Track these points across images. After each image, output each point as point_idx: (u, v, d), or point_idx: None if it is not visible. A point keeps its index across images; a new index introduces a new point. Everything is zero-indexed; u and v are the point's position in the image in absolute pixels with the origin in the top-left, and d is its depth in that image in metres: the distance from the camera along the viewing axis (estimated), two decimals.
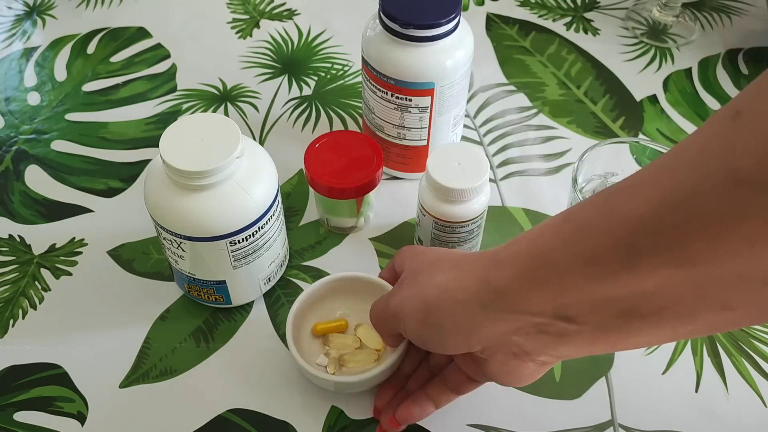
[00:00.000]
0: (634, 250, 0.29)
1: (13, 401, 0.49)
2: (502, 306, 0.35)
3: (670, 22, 0.78)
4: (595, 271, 0.31)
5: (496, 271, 0.35)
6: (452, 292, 0.37)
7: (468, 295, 0.36)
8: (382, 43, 0.54)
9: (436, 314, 0.38)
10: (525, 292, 0.34)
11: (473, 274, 0.37)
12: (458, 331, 0.37)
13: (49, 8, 0.80)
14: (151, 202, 0.46)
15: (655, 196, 0.28)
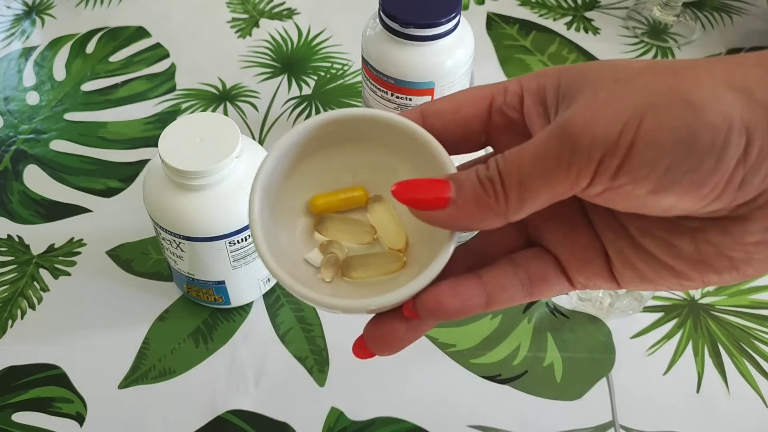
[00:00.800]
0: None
1: (11, 402, 0.49)
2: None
3: (671, 22, 0.78)
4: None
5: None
6: (747, 90, 0.20)
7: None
8: (382, 43, 0.53)
9: (716, 128, 0.20)
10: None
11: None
12: (750, 149, 0.20)
13: (48, 8, 0.80)
14: (150, 202, 0.46)
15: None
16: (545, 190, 0.22)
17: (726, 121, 0.20)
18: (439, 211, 0.23)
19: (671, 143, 0.20)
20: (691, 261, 0.23)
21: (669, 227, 0.23)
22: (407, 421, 0.48)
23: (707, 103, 0.20)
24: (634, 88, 0.21)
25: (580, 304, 0.54)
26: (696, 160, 0.20)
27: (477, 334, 0.53)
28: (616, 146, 0.21)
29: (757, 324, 0.53)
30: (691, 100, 0.20)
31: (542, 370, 0.51)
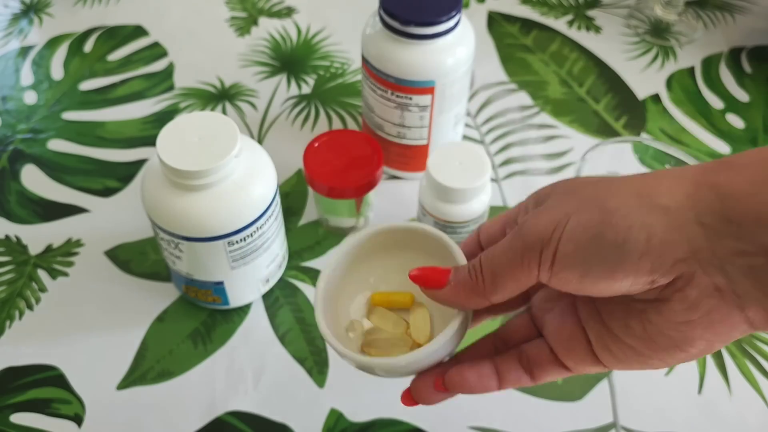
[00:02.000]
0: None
1: (9, 403, 0.49)
2: (731, 217, 0.24)
3: (673, 21, 0.77)
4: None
5: (727, 173, 0.25)
6: (649, 196, 0.26)
7: (674, 200, 0.25)
8: (382, 41, 0.53)
9: (620, 225, 0.26)
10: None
11: (684, 179, 0.26)
12: (649, 250, 0.25)
13: (45, 6, 0.79)
14: (149, 202, 0.46)
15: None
16: (510, 277, 0.29)
17: (627, 221, 0.26)
18: (439, 290, 0.31)
19: (586, 239, 0.26)
20: (642, 339, 0.27)
21: (624, 309, 0.28)
22: (407, 423, 0.48)
23: (616, 208, 0.26)
24: (572, 197, 0.28)
25: None
26: (604, 252, 0.26)
27: (477, 334, 0.52)
28: (549, 241, 0.27)
29: None
30: (605, 206, 0.26)
31: None
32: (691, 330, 0.26)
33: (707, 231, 0.25)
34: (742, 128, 0.67)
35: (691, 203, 0.25)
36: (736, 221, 0.24)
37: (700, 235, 0.25)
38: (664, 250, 0.25)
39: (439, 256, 0.35)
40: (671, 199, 0.25)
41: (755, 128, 0.67)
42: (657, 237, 0.25)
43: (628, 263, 0.26)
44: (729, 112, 0.68)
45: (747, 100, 0.70)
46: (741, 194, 0.24)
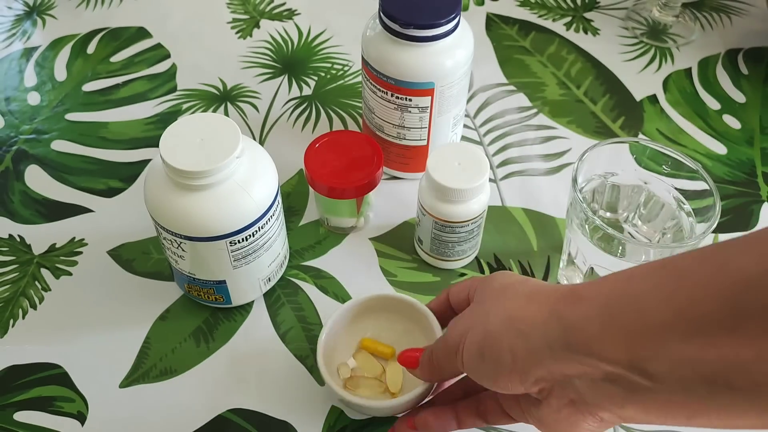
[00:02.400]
0: (738, 309, 0.26)
1: (13, 401, 0.49)
2: (571, 345, 0.31)
3: (670, 22, 0.78)
4: (689, 326, 0.27)
5: (571, 307, 0.32)
6: (516, 321, 0.34)
7: (533, 328, 0.33)
8: (382, 43, 0.54)
9: (494, 346, 0.34)
10: (601, 334, 0.30)
11: (544, 305, 0.33)
12: (515, 368, 0.34)
13: (49, 8, 0.80)
14: (151, 202, 0.46)
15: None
16: (447, 368, 0.39)
17: (499, 343, 0.34)
18: (414, 369, 0.42)
19: (475, 355, 0.36)
20: (537, 421, 0.36)
21: (523, 398, 0.37)
22: None
23: (493, 332, 0.35)
24: (476, 311, 0.38)
25: None
26: (486, 366, 0.35)
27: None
28: (456, 351, 0.37)
29: None
30: (486, 329, 0.35)
31: None
32: (563, 424, 0.34)
33: (555, 355, 0.32)
34: (739, 129, 0.67)
35: (543, 332, 0.32)
36: (574, 348, 0.31)
37: (550, 358, 0.32)
38: (525, 369, 0.33)
39: (416, 320, 0.48)
40: (531, 327, 0.33)
41: (751, 129, 0.68)
42: (519, 358, 0.33)
43: (502, 375, 0.35)
44: (725, 112, 0.69)
45: (743, 101, 0.70)
46: (577, 327, 0.31)
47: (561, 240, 0.58)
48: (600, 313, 0.30)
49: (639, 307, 0.29)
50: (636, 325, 0.29)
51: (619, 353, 0.29)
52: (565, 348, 0.31)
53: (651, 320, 0.28)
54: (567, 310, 0.32)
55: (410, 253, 0.57)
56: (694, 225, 0.49)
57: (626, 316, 0.29)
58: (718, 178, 0.63)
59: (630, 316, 0.29)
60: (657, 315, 0.28)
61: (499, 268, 0.57)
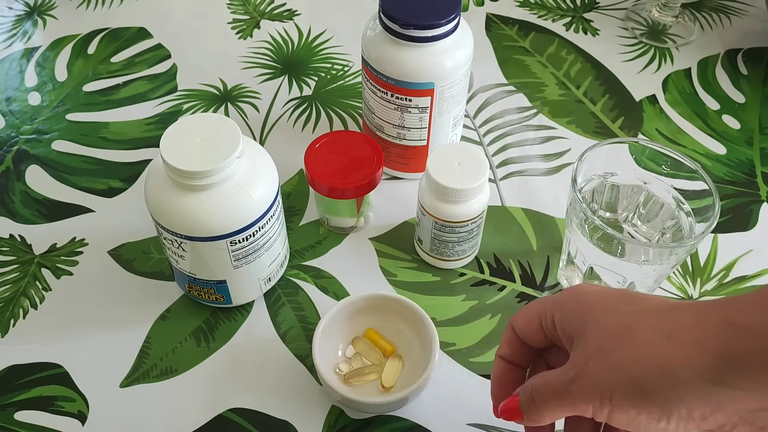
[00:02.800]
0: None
1: (13, 401, 0.49)
2: (751, 382, 0.29)
3: (670, 23, 0.78)
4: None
5: (738, 342, 0.29)
6: (675, 371, 0.30)
7: (700, 375, 0.30)
8: (382, 44, 0.54)
9: (660, 400, 0.31)
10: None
11: (702, 346, 0.30)
12: (692, 414, 0.31)
13: (49, 8, 0.80)
14: (152, 202, 0.47)
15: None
16: (559, 413, 0.34)
17: (665, 401, 0.30)
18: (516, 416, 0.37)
19: (634, 409, 0.31)
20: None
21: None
22: (407, 420, 0.48)
23: (649, 389, 0.31)
24: (610, 359, 0.32)
25: None
26: (651, 421, 0.31)
27: (476, 333, 0.53)
28: (599, 408, 0.32)
29: None
30: (640, 386, 0.31)
31: None
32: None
33: (736, 393, 0.29)
34: (738, 129, 0.68)
35: (713, 374, 0.30)
36: (759, 382, 0.29)
37: (730, 397, 0.30)
38: (705, 416, 0.31)
39: (412, 321, 0.49)
40: (695, 374, 0.30)
41: (751, 129, 0.68)
42: (696, 408, 0.30)
43: (672, 426, 0.31)
44: (725, 113, 0.69)
45: (743, 101, 0.70)
46: (755, 362, 0.29)
47: (560, 240, 0.58)
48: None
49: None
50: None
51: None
52: (743, 386, 0.29)
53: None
54: (734, 346, 0.29)
55: (410, 253, 0.58)
56: (693, 225, 0.49)
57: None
58: (718, 178, 0.63)
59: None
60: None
61: (498, 267, 0.57)
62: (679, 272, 0.57)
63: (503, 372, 0.40)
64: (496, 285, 0.56)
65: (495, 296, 0.55)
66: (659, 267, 0.47)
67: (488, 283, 0.56)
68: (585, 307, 0.35)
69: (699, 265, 0.57)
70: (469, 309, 0.54)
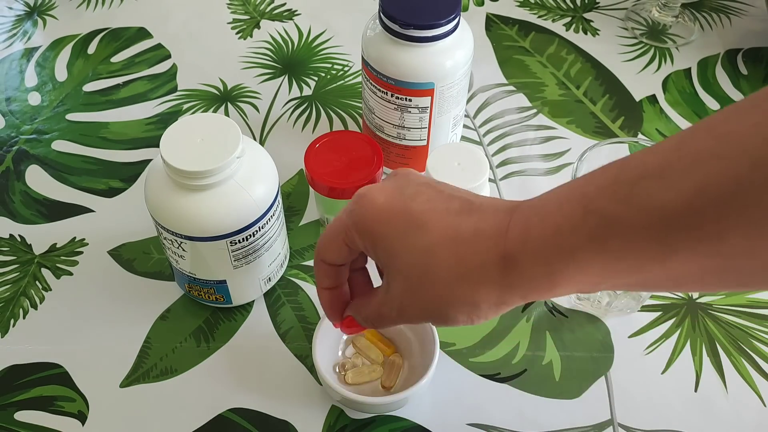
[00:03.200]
0: (666, 244, 0.28)
1: (13, 401, 0.49)
2: (512, 282, 0.33)
3: (670, 23, 0.78)
4: (623, 266, 0.29)
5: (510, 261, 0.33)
6: (475, 301, 0.34)
7: (494, 296, 0.34)
8: (382, 44, 0.54)
9: (466, 320, 0.35)
10: (542, 280, 0.32)
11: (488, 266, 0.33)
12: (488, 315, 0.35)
13: (49, 8, 0.80)
14: (152, 202, 0.47)
15: (691, 187, 0.26)
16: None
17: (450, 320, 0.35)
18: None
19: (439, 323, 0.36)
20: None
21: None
22: (407, 420, 0.48)
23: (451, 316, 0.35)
24: (418, 302, 0.36)
25: (579, 303, 0.54)
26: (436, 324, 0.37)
27: (476, 332, 0.53)
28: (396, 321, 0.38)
29: (755, 323, 0.54)
30: (452, 320, 0.35)
31: (541, 369, 0.51)
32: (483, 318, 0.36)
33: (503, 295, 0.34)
34: None
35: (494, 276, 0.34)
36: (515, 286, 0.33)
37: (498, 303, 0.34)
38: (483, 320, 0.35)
39: (417, 327, 0.49)
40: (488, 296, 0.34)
41: None
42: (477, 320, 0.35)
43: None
44: None
45: None
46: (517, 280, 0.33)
47: None
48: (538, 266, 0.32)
49: (574, 257, 0.31)
50: (574, 275, 0.31)
51: (560, 290, 0.33)
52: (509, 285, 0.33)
53: (586, 267, 0.31)
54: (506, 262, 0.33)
55: None
56: None
57: (564, 268, 0.31)
58: None
59: (568, 269, 0.31)
60: (592, 262, 0.30)
61: None
62: None
63: (331, 298, 0.42)
64: None
65: None
66: None
67: None
68: (384, 238, 0.36)
69: None
70: None
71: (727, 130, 0.26)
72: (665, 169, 0.28)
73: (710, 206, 0.26)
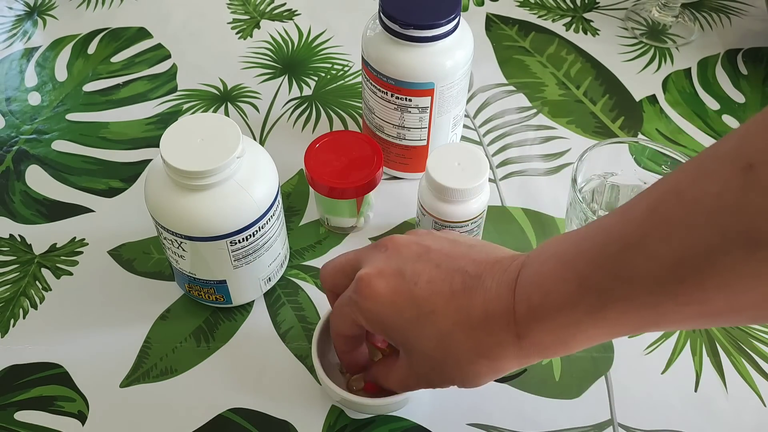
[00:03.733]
0: (657, 312, 0.30)
1: (13, 401, 0.49)
2: (529, 352, 0.36)
3: (670, 23, 0.78)
4: (625, 329, 0.32)
5: (518, 329, 0.35)
6: (501, 368, 0.37)
7: (513, 354, 0.36)
8: (382, 44, 0.54)
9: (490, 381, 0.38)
10: (556, 347, 0.35)
11: (504, 335, 0.36)
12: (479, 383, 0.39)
13: (49, 8, 0.80)
14: (152, 202, 0.47)
15: (670, 256, 0.28)
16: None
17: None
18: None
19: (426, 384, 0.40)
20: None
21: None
22: (407, 420, 0.48)
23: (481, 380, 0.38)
24: (447, 376, 0.38)
25: None
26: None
27: None
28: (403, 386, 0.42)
29: None
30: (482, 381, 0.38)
31: (541, 369, 0.51)
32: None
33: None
34: None
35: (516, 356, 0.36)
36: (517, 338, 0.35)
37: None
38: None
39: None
40: (505, 360, 0.36)
41: None
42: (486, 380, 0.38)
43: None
44: (725, 113, 0.69)
45: (743, 101, 0.70)
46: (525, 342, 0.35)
47: None
48: (535, 329, 0.35)
49: (564, 323, 0.33)
50: (564, 333, 0.34)
51: (549, 341, 0.35)
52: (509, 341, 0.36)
53: (577, 331, 0.33)
54: (526, 316, 0.35)
55: None
56: None
57: (558, 328, 0.34)
58: None
59: (562, 330, 0.34)
60: (580, 326, 0.33)
61: None
62: None
63: (350, 360, 0.45)
64: None
65: None
66: None
67: None
68: (396, 329, 0.38)
69: None
70: None
71: (694, 197, 0.28)
72: (644, 238, 0.29)
73: (690, 275, 0.28)
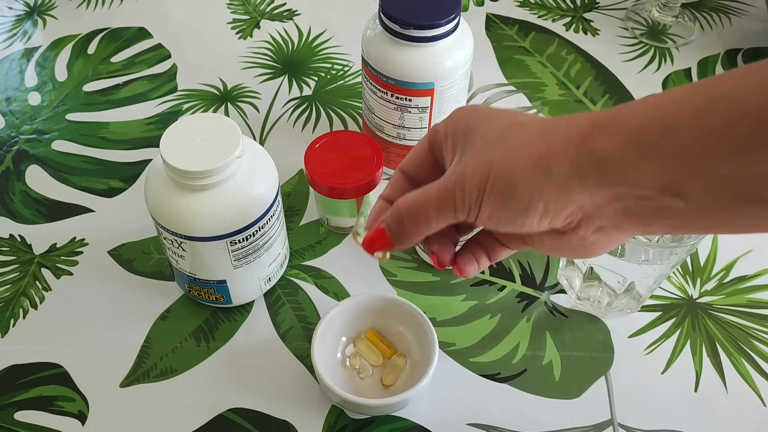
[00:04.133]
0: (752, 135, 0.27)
1: (13, 401, 0.49)
2: (606, 178, 0.31)
3: (670, 23, 0.78)
4: (727, 147, 0.28)
5: (601, 140, 0.31)
6: (543, 162, 0.32)
7: (565, 170, 0.32)
8: (382, 44, 0.54)
9: (522, 198, 0.33)
10: (638, 162, 0.30)
11: (568, 141, 0.32)
12: (547, 211, 0.33)
13: (49, 8, 0.80)
14: (152, 202, 0.47)
15: (755, 106, 0.26)
16: (434, 225, 0.35)
17: (528, 192, 0.32)
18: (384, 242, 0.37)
19: (499, 205, 0.33)
20: (549, 248, 0.36)
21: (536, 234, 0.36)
22: (407, 420, 0.48)
23: (520, 181, 0.32)
24: (488, 157, 0.34)
25: (579, 304, 0.54)
26: (512, 215, 0.33)
27: (476, 332, 0.53)
28: (473, 205, 0.34)
29: (755, 323, 0.54)
30: (511, 179, 0.33)
31: (541, 369, 0.51)
32: (588, 248, 0.35)
33: (589, 188, 0.32)
34: None
35: (575, 170, 0.31)
36: (610, 180, 0.31)
37: (583, 193, 0.32)
38: (558, 211, 0.33)
39: (410, 323, 0.49)
40: (560, 169, 0.32)
41: None
42: (551, 203, 0.32)
43: (529, 222, 0.33)
44: None
45: None
46: (612, 159, 0.31)
47: None
48: (635, 142, 0.30)
49: (674, 132, 0.29)
50: (672, 152, 0.29)
51: (655, 179, 0.30)
52: (600, 182, 0.31)
53: (688, 144, 0.29)
54: (597, 143, 0.31)
55: (410, 253, 0.58)
56: None
57: (661, 142, 0.30)
58: None
59: (665, 142, 0.29)
60: (694, 140, 0.29)
61: (498, 267, 0.57)
62: (679, 272, 0.57)
63: (380, 210, 0.39)
64: (496, 285, 0.56)
65: (495, 296, 0.55)
66: (659, 267, 0.47)
67: (488, 283, 0.56)
68: (471, 118, 0.35)
69: (699, 265, 0.57)
70: (469, 309, 0.54)
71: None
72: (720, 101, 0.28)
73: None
